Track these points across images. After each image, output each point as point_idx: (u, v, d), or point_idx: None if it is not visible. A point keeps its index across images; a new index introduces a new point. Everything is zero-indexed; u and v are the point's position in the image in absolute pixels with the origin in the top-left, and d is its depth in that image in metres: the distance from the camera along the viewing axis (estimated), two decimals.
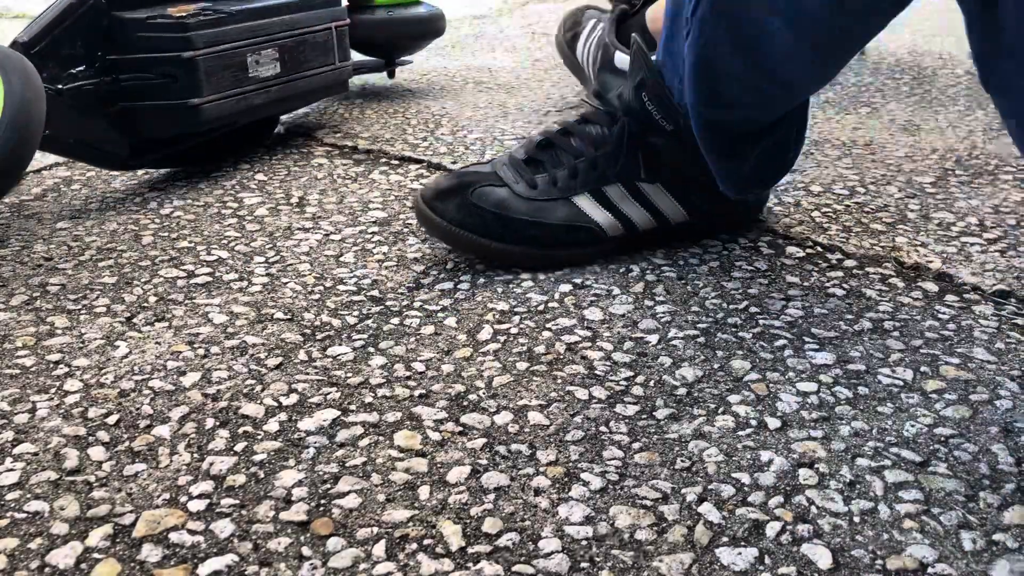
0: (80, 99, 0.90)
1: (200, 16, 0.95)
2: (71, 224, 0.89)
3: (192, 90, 0.95)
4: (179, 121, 0.96)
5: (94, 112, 0.92)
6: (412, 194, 0.96)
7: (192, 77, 0.94)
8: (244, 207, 0.93)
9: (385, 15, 1.31)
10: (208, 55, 0.95)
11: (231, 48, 0.98)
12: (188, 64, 0.94)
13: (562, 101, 1.34)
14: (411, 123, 1.23)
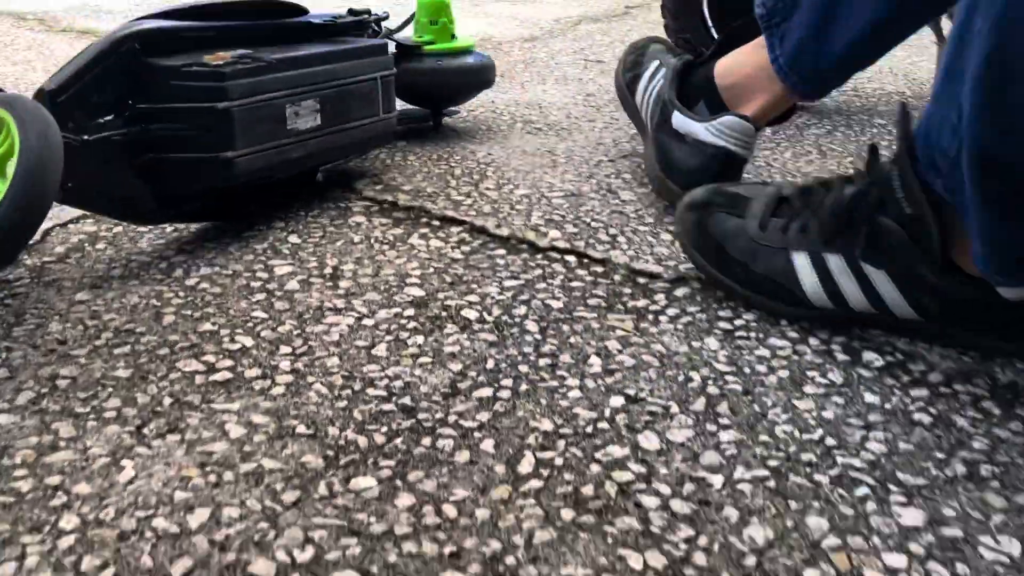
0: (107, 150, 0.85)
1: (238, 64, 0.89)
2: (91, 295, 0.84)
3: (226, 143, 0.89)
4: (211, 175, 0.91)
5: (121, 163, 0.87)
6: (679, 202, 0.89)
7: (226, 129, 0.89)
8: (274, 278, 0.88)
9: (433, 64, 1.25)
10: (244, 106, 0.90)
11: (269, 99, 0.93)
12: (223, 115, 0.88)
13: (614, 148, 1.27)
14: (455, 173, 1.16)
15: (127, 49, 0.85)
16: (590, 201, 1.07)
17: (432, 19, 1.27)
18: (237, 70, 0.88)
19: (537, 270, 0.89)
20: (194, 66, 0.87)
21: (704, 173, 0.99)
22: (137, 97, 0.87)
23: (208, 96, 0.87)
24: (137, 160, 0.88)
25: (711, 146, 0.99)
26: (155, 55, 0.88)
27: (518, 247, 0.95)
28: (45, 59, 1.87)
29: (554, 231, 0.98)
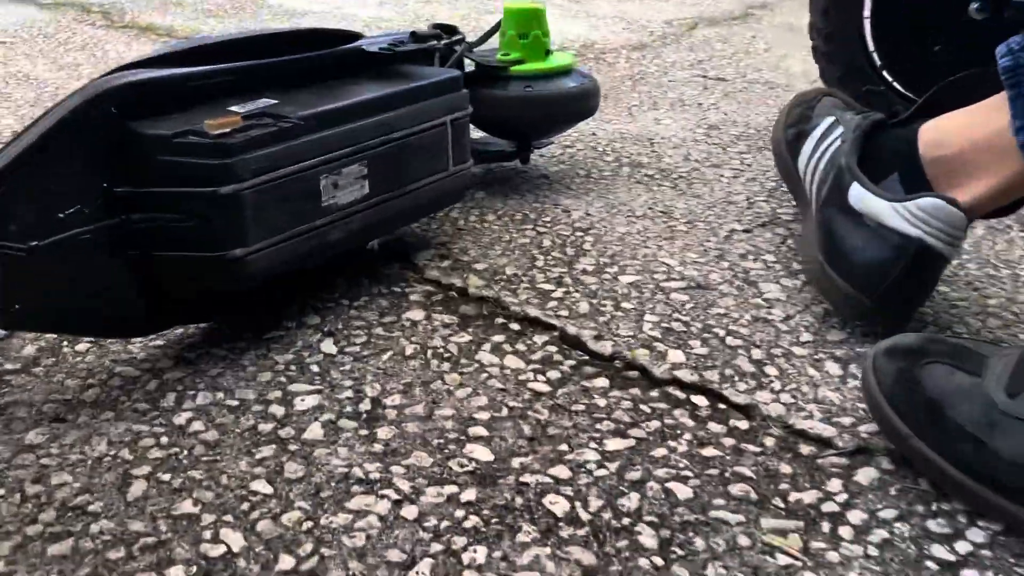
0: (71, 253, 0.63)
1: (250, 131, 0.65)
2: (47, 437, 0.62)
3: (234, 237, 0.66)
4: (215, 278, 0.68)
5: (92, 268, 0.65)
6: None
7: (233, 219, 0.65)
8: (292, 418, 0.64)
9: (522, 91, 0.99)
10: (259, 187, 0.66)
11: (296, 172, 0.69)
12: (228, 202, 0.65)
13: (749, 211, 0.99)
14: (543, 244, 0.91)
15: (99, 114, 0.62)
16: (722, 299, 0.80)
17: (522, 32, 1.01)
18: (249, 140, 0.65)
19: (654, 420, 0.64)
20: (189, 135, 0.63)
21: (885, 269, 0.72)
22: (114, 178, 0.64)
23: (208, 177, 0.64)
24: (116, 260, 0.66)
25: (901, 235, 0.71)
26: (139, 118, 0.65)
27: (626, 376, 0.69)
28: (95, 63, 1.68)
29: (675, 351, 0.72)
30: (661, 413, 0.65)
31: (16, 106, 1.41)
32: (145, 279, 0.68)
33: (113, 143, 0.63)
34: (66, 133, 0.61)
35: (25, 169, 0.59)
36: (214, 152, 0.63)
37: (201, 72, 0.69)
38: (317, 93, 0.75)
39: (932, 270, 0.72)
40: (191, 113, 0.67)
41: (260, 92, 0.73)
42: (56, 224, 0.61)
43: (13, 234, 0.59)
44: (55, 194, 0.61)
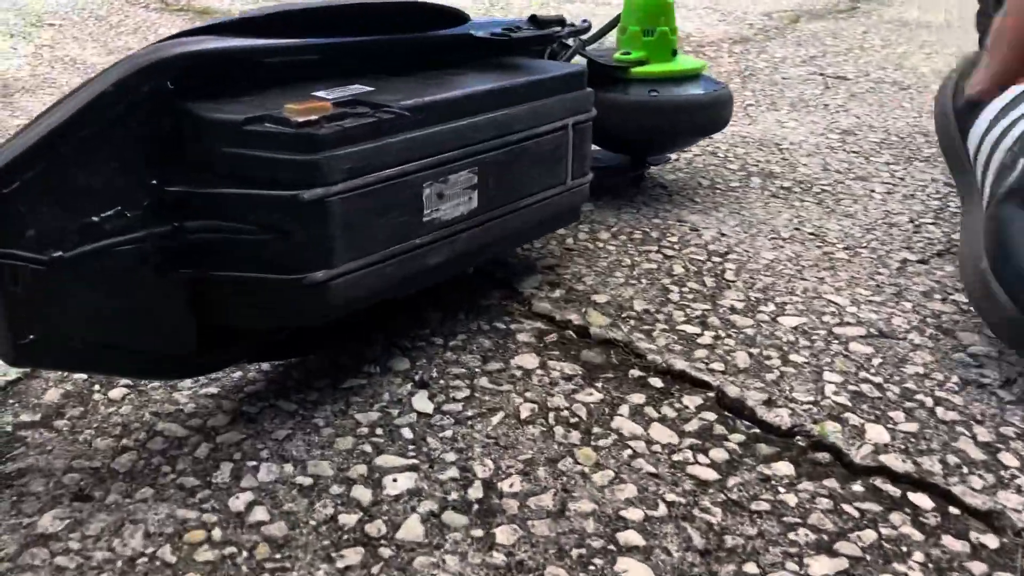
0: (104, 269, 0.48)
1: (343, 121, 0.50)
2: (65, 522, 0.47)
3: (315, 256, 0.50)
4: (290, 307, 0.53)
5: (133, 288, 0.49)
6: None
7: (317, 232, 0.50)
8: (381, 506, 0.49)
9: (645, 96, 0.83)
10: (350, 193, 0.50)
11: (395, 177, 0.53)
12: (311, 209, 0.49)
13: (917, 235, 0.82)
14: (673, 271, 0.75)
15: (150, 89, 0.47)
16: (915, 352, 0.63)
17: (647, 28, 0.85)
18: (341, 132, 0.49)
19: (867, 529, 0.47)
20: (266, 121, 0.48)
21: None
22: (165, 175, 0.49)
23: (288, 176, 0.48)
24: (164, 280, 0.51)
25: None
26: (200, 98, 0.50)
27: (816, 461, 0.53)
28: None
29: (874, 426, 0.55)
30: (874, 518, 0.48)
31: (61, 92, 1.28)
32: (199, 305, 0.52)
33: (166, 129, 0.48)
34: (105, 112, 0.46)
35: (49, 157, 0.44)
36: (297, 145, 0.48)
37: (280, 46, 0.54)
38: (418, 81, 0.59)
39: None
40: (266, 96, 0.52)
41: (350, 75, 0.57)
42: (87, 231, 0.46)
43: (29, 242, 0.44)
44: (87, 192, 0.46)
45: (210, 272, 0.51)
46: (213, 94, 0.51)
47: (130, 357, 0.51)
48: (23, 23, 1.71)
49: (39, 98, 1.25)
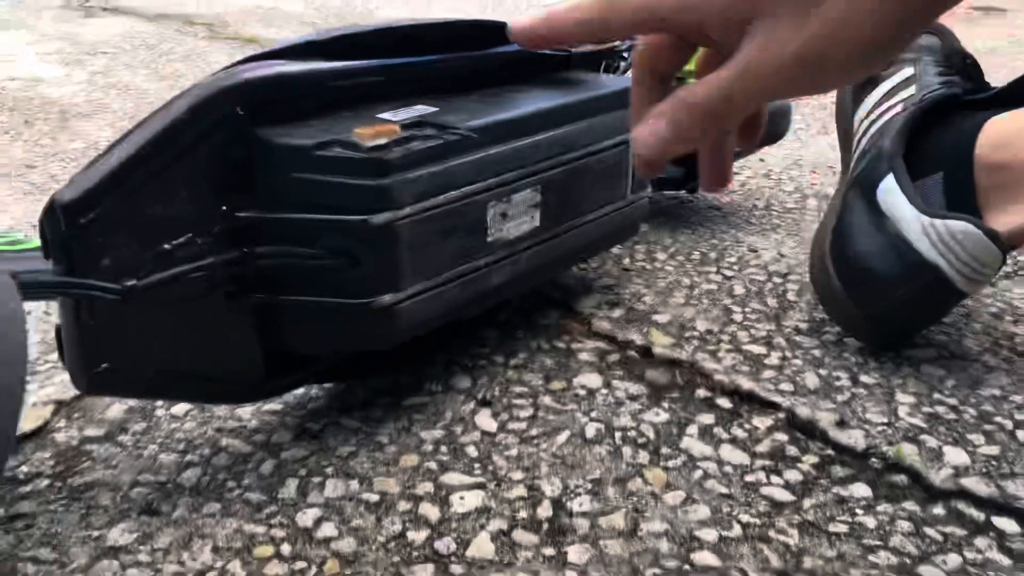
0: (176, 296, 0.48)
1: (411, 143, 0.50)
2: (134, 535, 0.47)
3: (383, 280, 0.50)
4: (358, 331, 0.52)
5: (204, 314, 0.49)
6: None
7: (386, 256, 0.50)
8: (449, 523, 0.48)
9: None
10: (419, 217, 0.50)
11: (462, 199, 0.53)
12: (380, 234, 0.49)
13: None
14: (734, 291, 0.74)
15: (220, 116, 0.47)
16: (990, 374, 0.61)
17: None
18: (410, 155, 0.49)
19: (951, 553, 0.46)
20: (336, 146, 0.48)
21: (890, 289, 0.60)
22: (236, 201, 0.49)
23: (358, 201, 0.48)
24: (234, 305, 0.51)
25: (918, 256, 0.58)
26: (269, 123, 0.50)
27: (893, 483, 0.51)
28: (198, 72, 1.58)
29: (953, 449, 0.54)
30: (959, 542, 0.46)
31: (116, 117, 1.30)
32: (267, 330, 0.52)
33: (236, 155, 0.48)
34: (177, 140, 0.46)
35: (123, 187, 0.44)
36: (367, 170, 0.48)
37: (346, 69, 0.54)
38: (480, 100, 0.59)
39: (943, 303, 0.61)
40: (333, 119, 0.52)
41: (413, 96, 0.57)
42: (159, 259, 0.46)
43: (105, 271, 0.44)
44: (160, 220, 0.46)
45: (279, 297, 0.51)
46: (282, 119, 0.51)
47: (199, 383, 0.51)
48: (77, 51, 1.74)
49: (94, 122, 1.27)
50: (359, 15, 2.24)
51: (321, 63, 0.53)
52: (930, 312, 0.62)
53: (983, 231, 0.56)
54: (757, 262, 0.79)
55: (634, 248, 0.82)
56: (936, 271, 0.58)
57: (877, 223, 0.62)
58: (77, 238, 0.43)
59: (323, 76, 0.53)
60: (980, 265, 0.57)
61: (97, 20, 2.11)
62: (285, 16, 2.20)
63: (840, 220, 0.65)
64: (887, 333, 0.63)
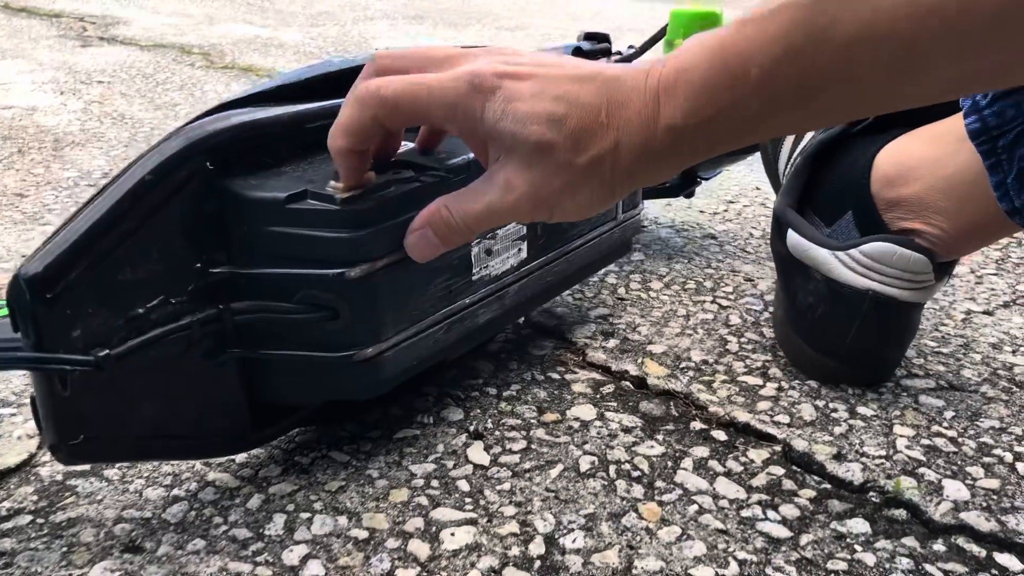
0: (153, 360, 0.46)
1: (387, 190, 0.48)
2: (114, 573, 0.46)
3: (364, 331, 0.49)
4: (340, 384, 0.51)
5: (184, 375, 0.48)
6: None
7: (365, 308, 0.48)
8: (439, 561, 0.47)
9: None
10: (398, 265, 0.49)
11: None
12: (358, 287, 0.48)
13: (982, 286, 0.80)
14: (730, 321, 0.73)
15: (189, 172, 0.46)
16: (988, 405, 0.61)
17: None
18: (387, 202, 0.48)
19: None
20: (309, 199, 0.47)
21: (842, 329, 0.60)
22: (210, 256, 0.48)
23: (333, 253, 0.47)
24: (214, 363, 0.49)
25: (851, 288, 0.59)
26: (241, 174, 0.48)
27: (892, 518, 0.50)
28: (193, 102, 1.58)
29: (952, 482, 0.53)
30: None
31: (109, 146, 1.30)
32: (250, 384, 0.51)
33: (208, 210, 0.47)
34: (145, 201, 0.44)
35: (92, 254, 0.43)
36: (342, 222, 0.46)
37: (319, 110, 0.52)
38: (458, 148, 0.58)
39: (901, 319, 0.60)
40: (309, 163, 0.51)
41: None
42: (133, 324, 0.45)
43: (76, 343, 0.42)
44: (132, 284, 0.44)
45: (259, 352, 0.50)
46: (254, 168, 0.49)
47: (184, 442, 0.50)
48: (73, 80, 1.74)
49: (88, 151, 1.26)
50: (356, 43, 2.26)
51: (293, 106, 0.51)
52: (894, 334, 0.62)
53: (895, 241, 0.58)
54: (753, 291, 0.79)
55: (629, 277, 0.82)
56: (874, 294, 0.59)
57: (805, 275, 0.63)
58: (45, 312, 0.41)
59: (296, 119, 0.51)
60: (912, 275, 0.58)
61: (94, 49, 2.12)
62: (282, 46, 2.21)
63: (782, 289, 0.67)
64: (869, 368, 0.62)
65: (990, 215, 0.54)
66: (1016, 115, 0.48)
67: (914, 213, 0.59)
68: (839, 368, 0.62)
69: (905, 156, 0.60)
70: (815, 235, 0.62)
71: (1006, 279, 0.81)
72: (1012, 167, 0.49)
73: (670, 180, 0.87)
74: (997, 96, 0.48)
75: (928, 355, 0.67)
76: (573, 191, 0.40)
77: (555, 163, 0.39)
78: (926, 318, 0.73)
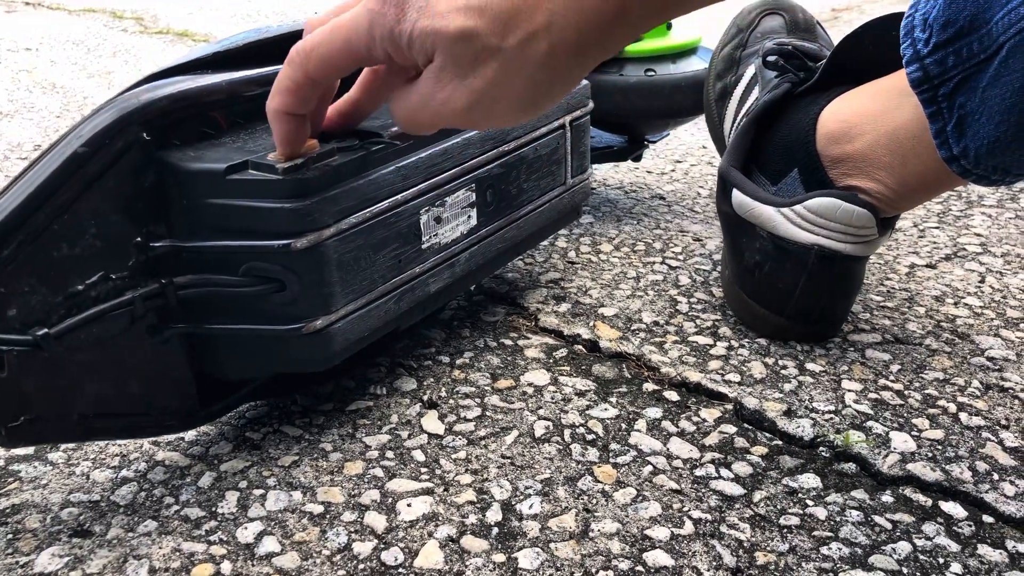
0: (94, 338, 0.45)
1: (331, 158, 0.47)
2: (64, 559, 0.45)
3: (312, 303, 0.48)
4: (289, 357, 0.50)
5: (126, 353, 0.47)
6: None
7: (312, 281, 0.48)
8: (396, 532, 0.47)
9: (643, 76, 0.81)
10: (345, 234, 0.48)
11: (389, 209, 0.51)
12: (305, 257, 0.47)
13: (924, 239, 0.81)
14: (680, 282, 0.73)
15: (124, 144, 0.44)
16: (932, 357, 0.62)
17: None
18: (330, 171, 0.47)
19: (901, 541, 0.46)
20: (250, 169, 0.46)
21: (788, 285, 0.62)
22: (150, 230, 0.46)
23: (278, 225, 0.46)
24: (158, 339, 0.48)
25: (795, 243, 0.61)
26: (180, 144, 0.47)
27: (842, 472, 0.51)
28: (128, 69, 1.53)
29: (899, 434, 0.54)
30: (907, 530, 0.46)
31: (40, 117, 1.25)
32: (197, 359, 0.50)
33: (147, 182, 0.45)
34: (80, 174, 0.43)
35: (25, 231, 0.41)
36: (285, 192, 0.45)
37: (257, 77, 0.50)
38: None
39: (846, 273, 0.61)
40: (249, 133, 0.50)
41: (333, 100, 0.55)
42: (72, 301, 0.44)
43: (12, 322, 0.41)
44: (69, 260, 0.43)
45: (205, 327, 0.49)
46: (192, 139, 0.47)
47: (130, 421, 0.49)
48: None
49: (17, 122, 1.22)
50: (295, 7, 2.20)
51: (230, 73, 0.50)
52: (839, 288, 0.62)
53: (838, 196, 0.58)
54: (702, 251, 0.79)
55: (579, 240, 0.82)
56: (820, 249, 0.60)
57: (751, 234, 0.64)
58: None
59: (234, 87, 0.49)
60: (856, 228, 0.59)
61: (18, 15, 2.04)
62: (217, 8, 2.15)
63: (729, 247, 0.67)
64: (816, 324, 0.63)
65: (932, 168, 0.55)
66: (956, 63, 0.48)
67: (859, 169, 0.59)
68: (787, 325, 0.63)
69: (849, 113, 0.61)
70: (760, 193, 0.63)
71: (947, 232, 0.83)
72: (952, 115, 0.49)
73: (616, 143, 0.87)
74: (938, 45, 0.49)
75: (874, 309, 0.68)
76: (508, 81, 0.36)
77: (483, 50, 0.36)
78: (871, 273, 0.74)
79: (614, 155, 0.87)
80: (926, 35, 0.49)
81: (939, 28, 0.47)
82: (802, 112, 0.64)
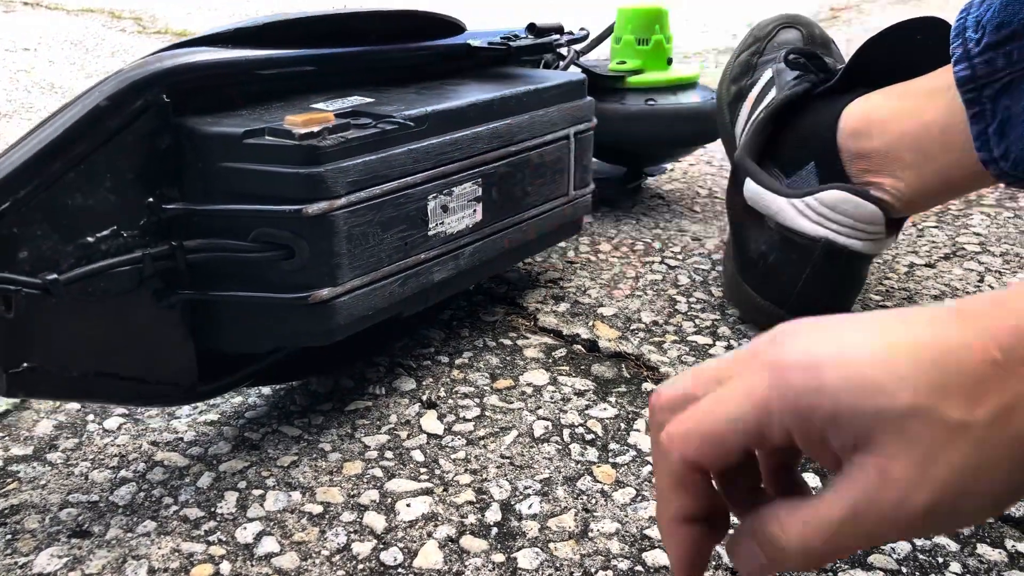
0: (101, 292, 0.45)
1: (346, 131, 0.48)
2: (63, 560, 0.45)
3: (320, 273, 0.48)
4: (294, 329, 0.51)
5: (131, 311, 0.47)
6: None
7: (322, 248, 0.48)
8: (395, 532, 0.47)
9: (643, 106, 0.81)
10: (355, 207, 0.49)
11: (400, 189, 0.51)
12: (315, 224, 0.47)
13: (925, 240, 0.81)
14: (679, 281, 0.73)
15: (145, 103, 0.45)
16: None
17: (642, 37, 0.84)
18: (344, 144, 0.48)
19: (898, 541, 0.46)
20: (266, 135, 0.46)
21: (793, 276, 0.62)
22: (164, 191, 0.47)
23: (291, 190, 0.47)
24: (163, 302, 0.49)
25: (804, 236, 0.61)
26: (196, 112, 0.48)
27: None
28: None
29: None
30: None
31: (39, 117, 1.25)
32: (199, 330, 0.50)
33: (163, 145, 0.46)
34: (100, 128, 0.44)
35: (42, 176, 0.42)
36: (300, 157, 0.46)
37: (275, 57, 0.52)
38: (417, 91, 0.58)
39: (850, 271, 0.61)
40: (264, 109, 0.50)
41: (347, 87, 0.56)
42: (82, 252, 0.44)
43: (23, 264, 0.42)
44: (82, 211, 0.44)
45: (211, 293, 0.49)
46: (209, 107, 0.49)
47: (127, 384, 0.49)
48: None
49: (16, 123, 1.22)
50: (295, 7, 2.20)
51: (250, 51, 0.51)
52: (842, 284, 0.63)
53: (852, 191, 0.58)
54: (701, 251, 0.79)
55: (579, 240, 0.82)
56: (826, 242, 0.59)
57: (758, 224, 0.63)
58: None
59: (252, 64, 0.51)
60: (865, 225, 0.59)
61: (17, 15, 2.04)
62: (216, 8, 2.15)
63: (734, 239, 0.67)
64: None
65: (955, 169, 0.55)
66: (1005, 65, 0.48)
67: (879, 165, 0.59)
68: (788, 319, 0.62)
69: (874, 110, 0.60)
70: (773, 184, 0.62)
71: (946, 231, 0.83)
72: (995, 116, 0.49)
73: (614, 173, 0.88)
74: (990, 45, 0.49)
75: (873, 309, 0.68)
76: (983, 465, 0.26)
77: (942, 428, 0.26)
78: (871, 272, 0.74)
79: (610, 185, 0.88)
80: (978, 35, 0.49)
81: (992, 29, 0.47)
82: (824, 109, 0.64)
